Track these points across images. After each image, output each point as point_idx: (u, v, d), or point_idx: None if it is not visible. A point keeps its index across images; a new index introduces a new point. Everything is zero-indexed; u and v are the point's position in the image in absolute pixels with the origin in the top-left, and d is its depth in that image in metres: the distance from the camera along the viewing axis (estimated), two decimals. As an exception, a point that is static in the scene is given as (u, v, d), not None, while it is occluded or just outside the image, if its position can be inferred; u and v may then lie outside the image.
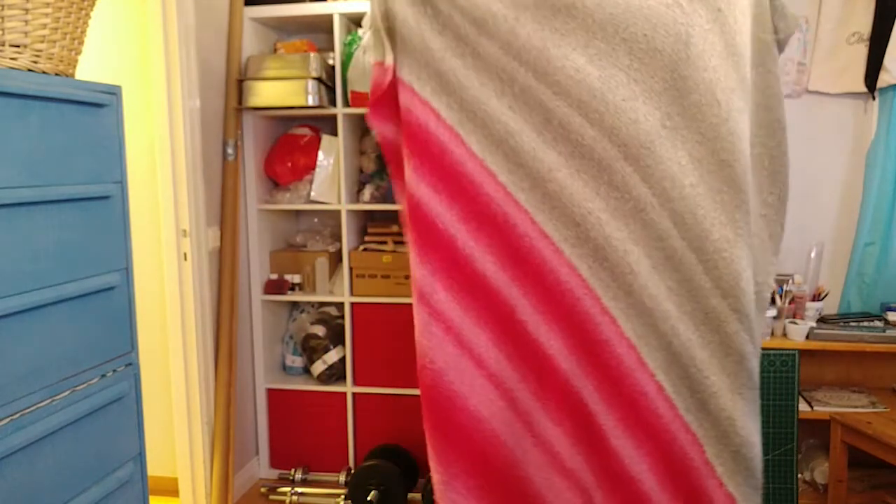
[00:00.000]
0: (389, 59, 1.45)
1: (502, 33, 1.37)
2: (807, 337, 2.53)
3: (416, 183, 1.42)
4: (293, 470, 2.76)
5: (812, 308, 2.61)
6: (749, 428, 1.38)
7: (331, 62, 2.66)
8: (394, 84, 1.46)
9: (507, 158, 1.41)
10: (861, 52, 2.65)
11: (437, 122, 1.42)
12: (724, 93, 1.36)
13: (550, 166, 1.39)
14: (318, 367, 2.77)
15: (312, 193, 2.73)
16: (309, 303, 2.96)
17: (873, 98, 2.69)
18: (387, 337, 2.71)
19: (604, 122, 1.36)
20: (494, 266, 1.42)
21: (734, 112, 1.37)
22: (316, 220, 3.08)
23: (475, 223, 1.42)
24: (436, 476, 1.45)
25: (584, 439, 1.43)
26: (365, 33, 2.55)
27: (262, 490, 2.74)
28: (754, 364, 1.40)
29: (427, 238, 1.43)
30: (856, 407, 2.44)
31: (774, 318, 2.60)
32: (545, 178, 1.39)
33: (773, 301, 2.62)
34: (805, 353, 2.58)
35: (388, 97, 1.48)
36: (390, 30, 1.45)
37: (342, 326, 2.81)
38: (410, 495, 2.58)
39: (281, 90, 2.57)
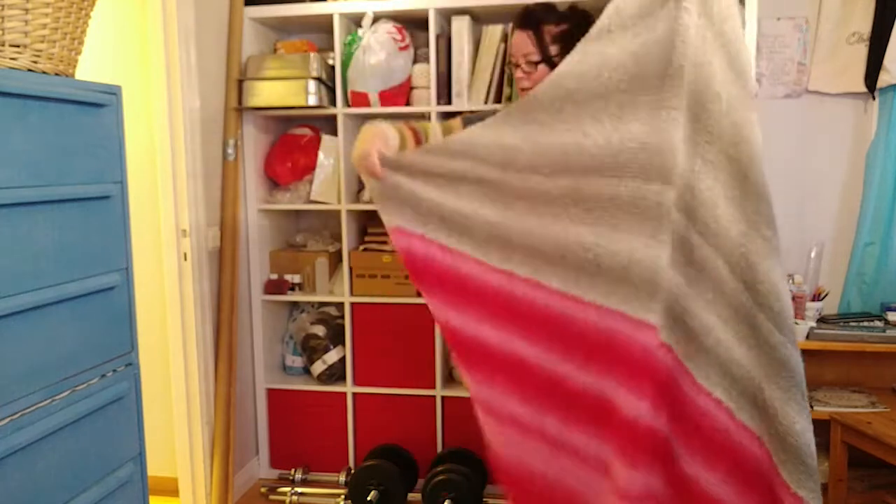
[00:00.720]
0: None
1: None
2: (807, 337, 2.53)
3: (460, 327, 1.55)
4: (293, 470, 2.76)
5: (812, 308, 2.61)
6: (790, 417, 1.42)
7: (331, 62, 2.66)
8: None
9: (482, 234, 1.53)
10: (861, 52, 2.65)
11: (442, 252, 1.54)
12: (721, 85, 1.37)
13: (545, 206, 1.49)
14: (318, 367, 2.77)
15: (312, 193, 2.73)
16: (309, 303, 2.96)
17: (873, 98, 2.69)
18: (387, 337, 2.71)
19: (637, 160, 1.40)
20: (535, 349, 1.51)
21: (733, 101, 1.38)
22: (316, 220, 3.08)
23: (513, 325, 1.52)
24: None
25: (660, 467, 1.44)
26: (365, 32, 2.55)
27: (262, 490, 2.74)
28: (784, 353, 1.42)
29: (486, 371, 1.52)
30: (856, 407, 2.44)
31: (774, 318, 2.60)
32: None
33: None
34: (805, 353, 2.55)
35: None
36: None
37: (342, 326, 2.81)
38: (410, 495, 2.58)
39: (281, 90, 2.57)
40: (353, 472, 2.60)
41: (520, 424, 1.51)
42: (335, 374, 2.79)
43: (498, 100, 2.55)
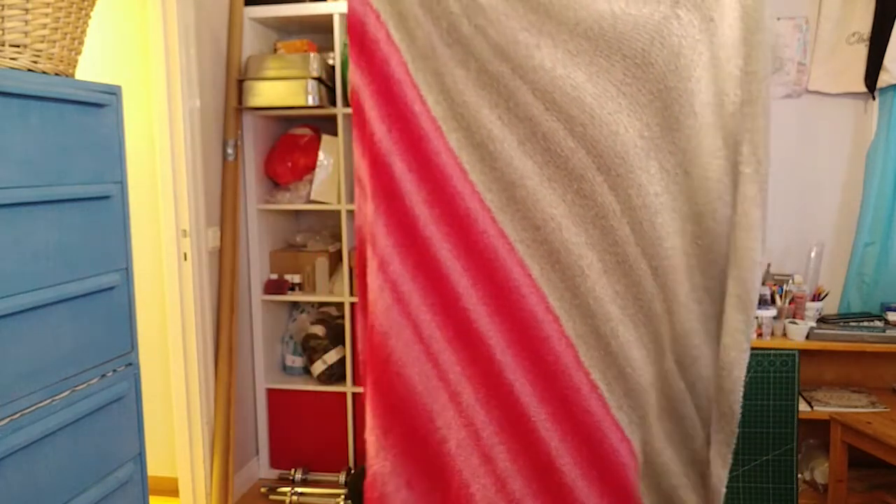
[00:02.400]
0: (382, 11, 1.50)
1: (519, 57, 1.45)
2: (807, 337, 2.53)
3: (390, 153, 1.49)
4: (293, 470, 2.76)
5: (812, 308, 2.61)
6: (658, 444, 1.50)
7: (331, 62, 2.66)
8: (374, 35, 1.50)
9: (483, 161, 1.49)
10: (861, 52, 2.65)
11: (422, 107, 1.50)
12: (701, 105, 1.41)
13: (523, 173, 1.47)
14: (318, 367, 2.77)
15: (312, 193, 2.73)
16: (309, 303, 2.96)
17: (873, 98, 2.69)
18: (387, 337, 2.71)
19: (586, 134, 1.44)
20: (449, 254, 1.50)
21: (706, 126, 1.41)
22: (316, 220, 3.08)
23: (438, 210, 1.50)
24: (371, 435, 1.56)
25: (508, 429, 1.51)
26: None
27: (262, 490, 2.74)
28: (672, 382, 1.49)
29: (394, 210, 1.50)
30: (856, 407, 2.44)
31: (774, 317, 2.60)
32: (515, 183, 1.48)
33: (773, 301, 2.62)
34: (805, 353, 2.59)
35: (369, 43, 1.50)
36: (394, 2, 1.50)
37: (342, 326, 2.80)
38: (410, 495, 2.58)
39: (281, 90, 2.57)
40: (353, 472, 2.60)
41: (404, 304, 1.52)
42: (335, 374, 2.79)
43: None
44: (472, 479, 1.53)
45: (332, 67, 2.66)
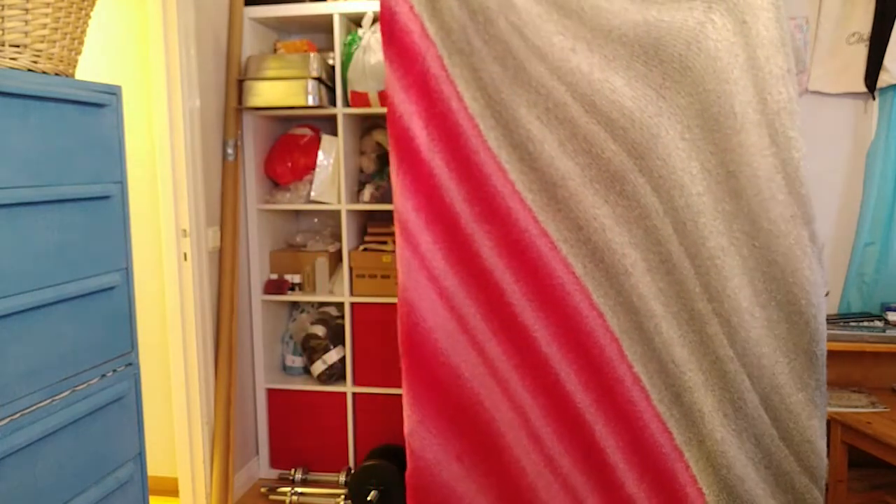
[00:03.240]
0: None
1: (556, 59, 1.48)
2: (807, 337, 2.54)
3: (429, 150, 1.50)
4: (293, 470, 2.76)
5: (812, 308, 2.61)
6: (714, 422, 1.50)
7: (331, 62, 2.66)
8: (407, 27, 1.49)
9: (522, 161, 1.50)
10: (861, 52, 2.65)
11: (459, 104, 1.50)
12: (741, 105, 1.43)
13: (565, 174, 1.49)
14: (318, 367, 2.77)
15: (312, 193, 2.73)
16: (309, 303, 2.96)
17: (873, 98, 2.69)
18: (387, 337, 2.71)
19: (627, 137, 1.47)
20: (492, 251, 1.53)
21: (748, 124, 1.43)
22: (316, 220, 3.08)
23: (479, 208, 1.52)
24: (412, 418, 1.58)
25: (554, 413, 1.56)
26: (365, 32, 2.55)
27: (262, 490, 2.74)
28: (730, 367, 1.49)
29: (434, 207, 1.52)
30: (856, 407, 2.44)
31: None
32: (557, 183, 1.50)
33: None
34: (805, 353, 2.58)
35: (400, 34, 1.49)
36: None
37: (342, 326, 2.81)
38: (410, 495, 2.59)
39: (281, 90, 2.57)
40: (352, 472, 2.60)
41: (447, 299, 1.55)
42: (335, 374, 2.79)
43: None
44: (522, 455, 1.58)
45: (332, 67, 2.66)
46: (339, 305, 2.88)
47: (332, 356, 2.77)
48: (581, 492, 1.57)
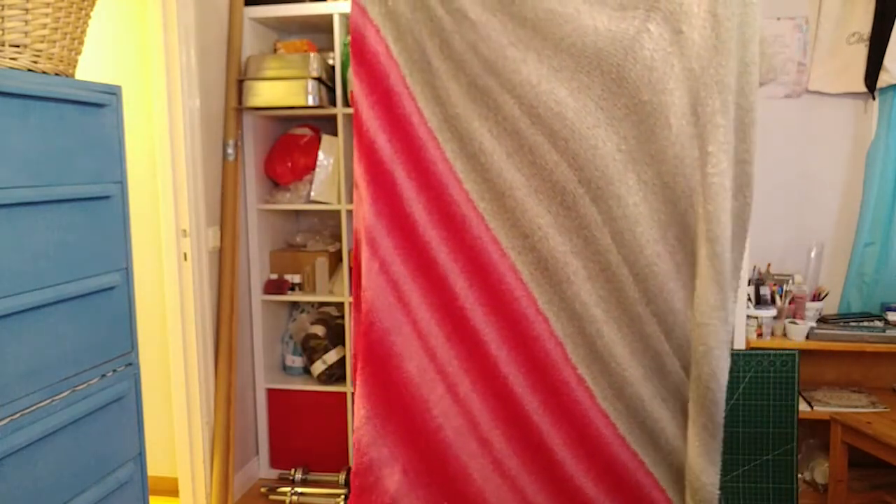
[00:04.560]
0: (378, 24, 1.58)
1: (507, 72, 1.53)
2: (807, 337, 2.54)
3: (392, 161, 1.58)
4: (293, 470, 2.76)
5: (812, 308, 2.61)
6: (653, 404, 1.60)
7: (331, 62, 2.66)
8: (374, 48, 1.58)
9: (475, 171, 1.59)
10: (861, 52, 2.66)
11: (419, 118, 1.59)
12: (676, 116, 1.47)
13: (512, 184, 1.57)
14: (318, 367, 2.77)
15: (312, 193, 2.73)
16: (309, 303, 2.96)
17: (873, 98, 2.69)
18: (387, 337, 2.71)
19: (567, 148, 1.53)
20: (447, 257, 1.60)
21: (682, 136, 1.47)
22: (316, 220, 3.08)
23: (437, 216, 1.60)
24: (368, 425, 1.63)
25: (503, 415, 1.63)
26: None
27: (262, 490, 2.74)
28: (667, 362, 1.59)
29: (395, 215, 1.59)
30: (856, 407, 2.44)
31: (774, 317, 2.60)
32: (505, 193, 1.58)
33: (773, 301, 2.62)
34: (805, 353, 2.59)
35: (369, 55, 1.58)
36: (391, 13, 1.57)
37: (342, 326, 2.80)
38: (410, 495, 2.58)
39: (281, 90, 2.57)
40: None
41: (405, 303, 1.61)
42: (335, 374, 2.79)
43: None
44: (469, 461, 1.64)
45: (332, 67, 2.66)
46: (339, 305, 2.88)
47: (332, 356, 2.77)
48: (529, 491, 1.65)
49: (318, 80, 2.56)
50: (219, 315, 2.57)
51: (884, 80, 2.60)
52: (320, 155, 2.74)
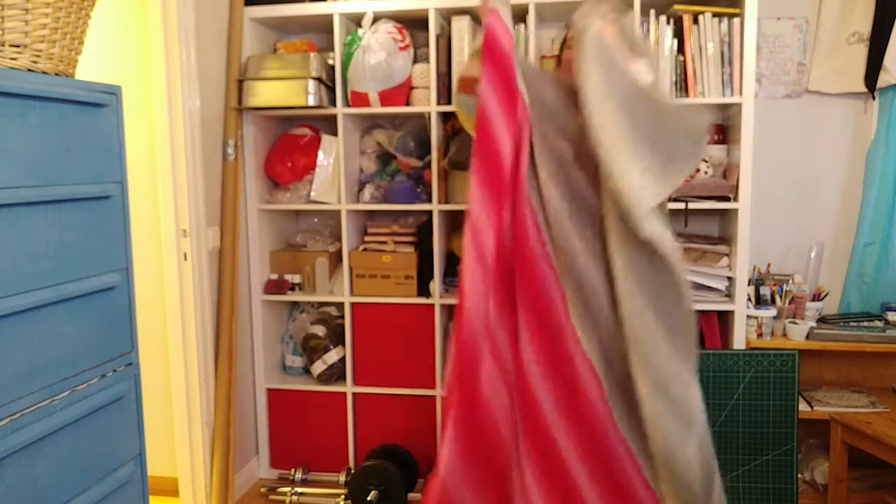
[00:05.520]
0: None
1: (580, 166, 1.73)
2: (807, 337, 2.54)
3: (511, 173, 1.67)
4: (293, 470, 2.76)
5: (812, 308, 2.61)
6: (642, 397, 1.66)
7: (331, 62, 2.66)
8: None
9: (571, 197, 1.73)
10: (861, 52, 2.65)
11: (533, 218, 1.72)
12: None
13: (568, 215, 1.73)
14: (318, 367, 2.77)
15: (312, 193, 2.73)
16: (309, 303, 2.96)
17: (873, 98, 2.69)
18: (387, 337, 2.71)
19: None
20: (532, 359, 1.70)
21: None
22: (316, 220, 3.08)
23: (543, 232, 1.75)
24: (454, 451, 1.67)
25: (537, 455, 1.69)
26: (365, 33, 2.55)
27: (262, 490, 2.74)
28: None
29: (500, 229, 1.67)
30: (856, 407, 2.44)
31: (775, 317, 2.60)
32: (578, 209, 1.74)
33: (773, 301, 2.62)
34: (805, 353, 2.58)
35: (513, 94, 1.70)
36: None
37: (342, 326, 2.81)
38: (410, 495, 2.58)
39: (281, 90, 2.57)
40: (353, 472, 2.61)
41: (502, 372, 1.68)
42: (335, 374, 2.79)
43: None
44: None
45: (332, 67, 2.66)
46: (339, 305, 2.88)
47: (332, 356, 2.77)
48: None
49: (318, 80, 2.56)
50: (219, 315, 2.57)
51: (884, 80, 2.60)
52: (320, 155, 2.74)
